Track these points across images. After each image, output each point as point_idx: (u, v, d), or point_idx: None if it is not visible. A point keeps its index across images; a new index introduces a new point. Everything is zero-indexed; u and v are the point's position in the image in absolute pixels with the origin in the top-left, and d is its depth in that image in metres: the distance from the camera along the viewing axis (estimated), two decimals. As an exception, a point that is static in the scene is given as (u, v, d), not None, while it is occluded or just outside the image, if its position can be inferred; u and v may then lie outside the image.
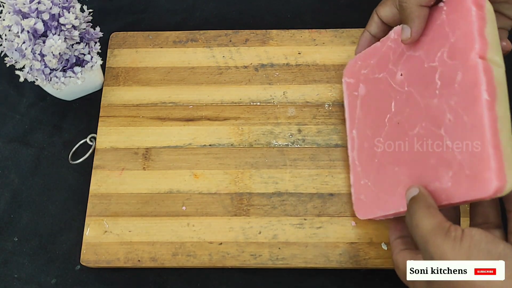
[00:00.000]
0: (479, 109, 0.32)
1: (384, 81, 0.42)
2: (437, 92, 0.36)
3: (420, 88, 0.38)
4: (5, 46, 0.46)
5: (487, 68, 0.33)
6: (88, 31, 0.51)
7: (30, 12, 0.45)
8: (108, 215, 0.48)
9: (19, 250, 0.49)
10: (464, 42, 0.35)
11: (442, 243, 0.31)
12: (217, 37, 0.56)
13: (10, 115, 0.55)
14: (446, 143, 0.35)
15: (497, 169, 0.31)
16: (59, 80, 0.49)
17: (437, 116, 0.36)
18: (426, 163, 0.37)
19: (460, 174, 0.34)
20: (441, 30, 0.37)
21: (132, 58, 0.55)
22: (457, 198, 0.34)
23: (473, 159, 0.32)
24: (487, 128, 0.32)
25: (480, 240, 0.31)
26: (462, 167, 0.33)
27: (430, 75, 0.37)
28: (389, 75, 0.42)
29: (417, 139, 0.38)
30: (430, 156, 0.36)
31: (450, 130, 0.35)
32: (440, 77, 0.36)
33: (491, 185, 0.31)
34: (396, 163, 0.40)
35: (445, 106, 0.35)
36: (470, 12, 0.34)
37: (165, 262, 0.46)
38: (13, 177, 0.52)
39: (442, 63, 0.36)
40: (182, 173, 0.50)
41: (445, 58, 0.36)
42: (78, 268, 0.48)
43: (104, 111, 0.53)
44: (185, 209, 0.48)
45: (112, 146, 0.51)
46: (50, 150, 0.53)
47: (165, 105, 0.53)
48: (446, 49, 0.36)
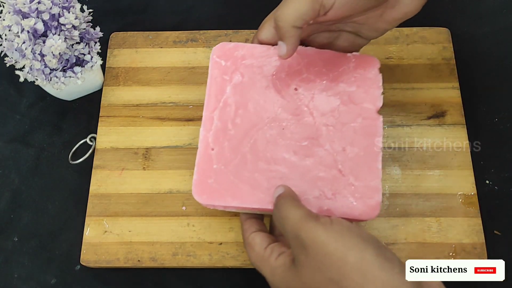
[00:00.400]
0: (376, 155, 0.42)
1: (273, 84, 0.45)
2: (335, 121, 0.44)
3: (317, 111, 0.44)
4: (5, 46, 0.46)
5: (382, 123, 0.43)
6: (88, 31, 0.51)
7: (30, 12, 0.45)
8: (108, 215, 0.48)
9: (19, 250, 0.49)
10: (368, 95, 0.44)
11: (314, 227, 0.32)
12: (217, 37, 0.56)
13: (10, 115, 0.55)
14: (339, 167, 0.42)
15: (379, 201, 0.40)
16: (59, 80, 0.49)
17: (333, 141, 0.43)
18: (312, 174, 0.42)
19: (348, 197, 0.41)
20: (347, 73, 0.45)
21: (132, 58, 0.55)
22: (338, 213, 0.40)
23: (365, 189, 0.41)
24: (380, 170, 0.41)
25: (349, 224, 0.33)
26: (354, 192, 0.41)
27: (331, 104, 0.44)
28: (280, 82, 0.45)
29: (306, 152, 0.43)
30: (318, 170, 0.42)
31: (344, 157, 0.42)
32: (341, 111, 0.44)
33: (376, 211, 0.40)
34: (274, 163, 0.43)
35: (340, 134, 0.43)
36: (377, 77, 0.45)
37: (165, 262, 0.46)
38: (13, 177, 0.52)
39: (344, 102, 0.44)
40: (182, 173, 0.50)
41: (347, 99, 0.44)
42: (78, 268, 0.48)
43: (104, 111, 0.53)
44: (185, 209, 0.48)
45: (112, 146, 0.51)
46: (50, 150, 0.53)
47: (165, 105, 0.53)
48: (350, 92, 0.44)
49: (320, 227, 0.32)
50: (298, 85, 0.45)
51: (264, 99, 0.45)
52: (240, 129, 0.44)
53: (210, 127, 0.45)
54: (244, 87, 0.46)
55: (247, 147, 0.44)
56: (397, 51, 0.55)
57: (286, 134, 0.44)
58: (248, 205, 0.42)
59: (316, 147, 0.43)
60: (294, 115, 0.45)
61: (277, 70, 0.46)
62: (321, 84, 0.45)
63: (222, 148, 0.44)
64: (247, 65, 0.47)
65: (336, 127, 0.44)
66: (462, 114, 0.51)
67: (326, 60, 0.46)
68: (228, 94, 0.46)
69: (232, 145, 0.44)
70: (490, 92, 0.55)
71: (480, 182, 0.50)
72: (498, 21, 0.58)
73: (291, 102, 0.45)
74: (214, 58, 0.47)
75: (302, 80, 0.46)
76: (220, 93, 0.46)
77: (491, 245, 0.47)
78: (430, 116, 0.51)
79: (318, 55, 0.47)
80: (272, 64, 0.46)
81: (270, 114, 0.45)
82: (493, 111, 0.54)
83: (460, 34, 0.57)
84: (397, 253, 0.45)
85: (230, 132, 0.44)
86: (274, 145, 0.44)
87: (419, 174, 0.49)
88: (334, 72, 0.45)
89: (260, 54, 0.47)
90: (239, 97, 0.45)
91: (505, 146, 0.52)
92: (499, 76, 0.55)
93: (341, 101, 0.45)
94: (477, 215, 0.47)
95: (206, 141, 0.44)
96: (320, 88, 0.45)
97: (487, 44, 0.57)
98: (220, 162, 0.43)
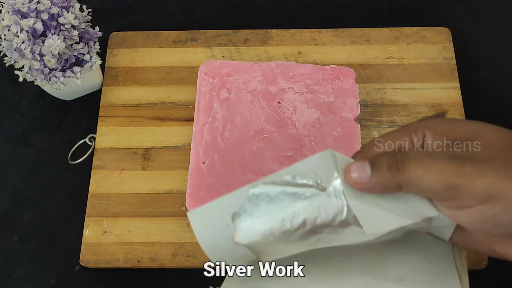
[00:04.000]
0: None
1: (258, 99, 0.49)
2: (316, 131, 0.47)
3: (299, 123, 0.47)
4: (4, 46, 0.46)
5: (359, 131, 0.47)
6: (87, 31, 0.50)
7: (29, 12, 0.45)
8: (108, 215, 0.48)
9: (18, 250, 0.49)
10: (346, 105, 0.48)
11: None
12: (217, 37, 0.56)
13: (9, 115, 0.55)
14: None
15: None
16: (58, 80, 0.48)
17: (315, 150, 0.45)
18: None
19: None
20: (326, 85, 0.49)
21: (131, 58, 0.55)
22: None
23: None
24: None
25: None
26: None
27: (311, 115, 0.47)
28: (264, 96, 0.49)
29: (291, 162, 0.45)
30: None
31: None
32: (321, 122, 0.47)
33: None
34: (261, 174, 0.45)
35: (321, 144, 0.46)
36: (354, 87, 0.49)
37: (164, 262, 0.46)
38: (13, 177, 0.52)
39: (324, 113, 0.47)
40: (182, 173, 0.49)
41: (327, 109, 0.47)
42: (78, 268, 0.48)
43: (103, 111, 0.53)
44: (185, 209, 0.48)
45: (111, 146, 0.51)
46: (49, 150, 0.53)
47: (164, 105, 0.53)
48: (329, 103, 0.48)
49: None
50: (281, 98, 0.49)
51: (250, 113, 0.48)
52: (228, 142, 0.47)
53: (201, 142, 0.48)
54: (231, 102, 0.49)
55: (236, 160, 0.46)
56: (397, 50, 0.54)
57: (271, 145, 0.47)
58: None
59: (300, 156, 0.46)
60: (278, 127, 0.48)
61: (261, 85, 0.50)
62: (302, 96, 0.49)
63: (213, 162, 0.47)
64: (233, 81, 0.50)
65: (317, 137, 0.47)
66: (462, 114, 0.51)
67: (306, 73, 0.50)
68: (216, 109, 0.49)
69: (222, 158, 0.47)
70: (491, 92, 0.55)
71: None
72: (499, 21, 0.58)
73: (275, 115, 0.48)
74: (201, 75, 0.51)
75: (284, 93, 0.49)
76: (209, 109, 0.49)
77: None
78: (431, 116, 0.51)
79: (298, 69, 0.50)
80: (256, 80, 0.50)
81: (256, 127, 0.48)
82: (493, 111, 0.53)
83: (461, 34, 0.57)
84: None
85: (219, 146, 0.47)
86: (261, 157, 0.46)
87: (420, 175, 0.49)
88: (313, 85, 0.48)
89: (244, 70, 0.51)
90: (226, 112, 0.49)
91: (506, 146, 0.52)
92: (500, 76, 0.55)
93: (321, 112, 0.48)
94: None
95: (197, 155, 0.47)
96: (301, 101, 0.49)
97: (488, 44, 0.57)
98: (212, 175, 0.46)
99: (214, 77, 0.50)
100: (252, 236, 0.31)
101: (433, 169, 0.27)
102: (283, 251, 0.32)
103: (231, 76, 0.50)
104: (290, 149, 0.46)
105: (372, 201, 0.29)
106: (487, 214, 0.27)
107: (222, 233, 0.31)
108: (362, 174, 0.29)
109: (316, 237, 0.30)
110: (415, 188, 0.28)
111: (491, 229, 0.28)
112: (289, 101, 0.48)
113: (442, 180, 0.27)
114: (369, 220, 0.29)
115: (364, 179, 0.29)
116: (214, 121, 0.48)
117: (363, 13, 0.59)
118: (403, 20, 0.58)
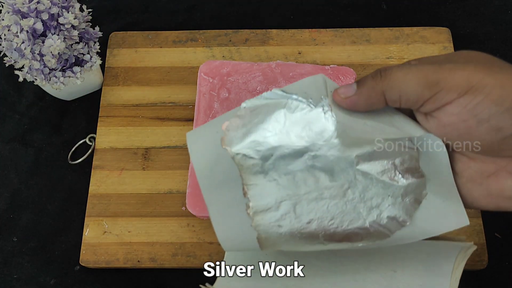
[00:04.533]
0: None
1: None
2: None
3: None
4: (4, 46, 0.46)
5: None
6: (87, 31, 0.50)
7: (29, 12, 0.45)
8: (108, 215, 0.48)
9: (18, 250, 0.49)
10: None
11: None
12: (217, 37, 0.56)
13: (9, 115, 0.55)
14: None
15: None
16: (58, 80, 0.48)
17: None
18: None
19: None
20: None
21: (131, 58, 0.55)
22: None
23: None
24: None
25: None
26: None
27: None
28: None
29: None
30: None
31: None
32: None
33: None
34: None
35: None
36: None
37: (164, 262, 0.46)
38: (13, 177, 0.52)
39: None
40: (182, 173, 0.49)
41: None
42: (78, 268, 0.48)
43: (103, 111, 0.53)
44: (185, 209, 0.48)
45: (111, 146, 0.51)
46: (49, 150, 0.53)
47: (164, 105, 0.53)
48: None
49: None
50: None
51: None
52: None
53: None
54: (231, 102, 0.49)
55: None
56: (397, 50, 0.54)
57: None
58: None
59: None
60: None
61: (261, 85, 0.50)
62: None
63: None
64: (233, 81, 0.50)
65: None
66: (462, 114, 0.51)
67: (306, 73, 0.49)
68: (216, 109, 0.49)
69: None
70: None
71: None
72: (499, 21, 0.58)
73: None
74: (201, 75, 0.51)
75: None
76: (209, 108, 0.49)
77: (492, 246, 0.47)
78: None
79: (298, 69, 0.50)
80: (256, 80, 0.50)
81: None
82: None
83: (461, 34, 0.57)
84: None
85: None
86: None
87: (420, 175, 0.49)
88: None
89: (244, 70, 0.51)
90: (226, 111, 0.47)
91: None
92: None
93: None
94: (478, 215, 0.47)
95: None
96: None
97: (488, 44, 0.57)
98: None
99: (214, 77, 0.51)
100: (238, 142, 0.30)
101: (414, 71, 0.28)
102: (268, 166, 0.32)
103: (231, 76, 0.51)
104: None
105: (359, 121, 0.30)
106: (469, 107, 0.27)
107: (212, 142, 0.31)
108: (349, 89, 0.30)
109: (304, 157, 0.31)
110: (398, 91, 0.29)
111: (475, 129, 0.28)
112: None
113: (423, 78, 0.28)
114: (355, 133, 0.30)
115: (350, 93, 0.30)
116: None
117: (363, 13, 0.59)
118: (403, 20, 0.58)
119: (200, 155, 0.32)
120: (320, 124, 0.30)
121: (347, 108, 0.30)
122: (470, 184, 0.31)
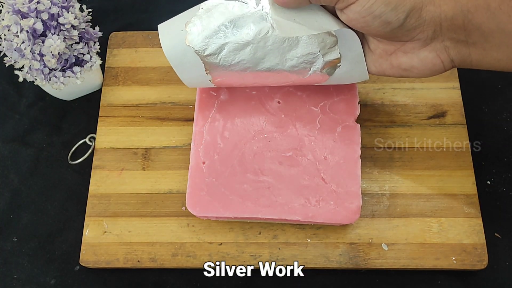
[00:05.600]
0: (355, 162, 0.46)
1: (258, 98, 0.48)
2: (316, 132, 0.47)
3: (299, 123, 0.47)
4: (4, 46, 0.46)
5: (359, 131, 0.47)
6: (87, 31, 0.50)
7: (29, 12, 0.45)
8: (108, 215, 0.48)
9: (18, 250, 0.49)
10: (346, 105, 0.48)
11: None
12: (217, 37, 0.56)
13: (9, 115, 0.55)
14: (321, 175, 0.45)
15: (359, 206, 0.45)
16: (58, 80, 0.48)
17: (315, 151, 0.46)
18: (297, 183, 0.45)
19: (331, 203, 0.44)
20: (325, 87, 0.48)
21: (131, 58, 0.55)
22: (321, 219, 0.44)
23: (346, 195, 0.44)
24: (359, 176, 0.45)
25: None
26: (335, 198, 0.44)
27: (311, 116, 0.47)
28: (264, 96, 0.49)
29: (291, 162, 0.46)
30: (302, 178, 0.45)
31: (326, 166, 0.45)
32: (321, 121, 0.47)
33: (357, 215, 0.44)
34: (261, 174, 0.46)
35: (321, 144, 0.46)
36: (354, 87, 0.48)
37: (164, 262, 0.46)
38: (12, 177, 0.52)
39: (324, 112, 0.47)
40: (182, 173, 0.49)
41: (327, 109, 0.47)
42: (77, 268, 0.48)
43: (103, 111, 0.53)
44: (185, 209, 0.48)
45: (111, 146, 0.51)
46: (49, 150, 0.53)
47: (164, 105, 0.53)
48: (329, 103, 0.48)
49: None
50: (281, 98, 0.48)
51: (250, 113, 0.48)
52: (228, 142, 0.47)
53: (201, 142, 0.47)
54: (231, 102, 0.49)
55: (236, 160, 0.46)
56: (397, 51, 0.54)
57: (271, 146, 0.47)
58: (239, 215, 0.45)
59: (300, 157, 0.46)
60: (278, 127, 0.47)
61: None
62: (302, 96, 0.48)
63: (213, 162, 0.46)
64: None
65: (317, 137, 0.47)
66: (462, 114, 0.51)
67: None
68: (216, 109, 0.49)
69: (222, 158, 0.47)
70: (491, 92, 0.55)
71: (481, 183, 0.49)
72: (499, 21, 0.58)
73: (275, 115, 0.48)
74: None
75: (284, 93, 0.49)
76: (209, 109, 0.49)
77: (492, 246, 0.47)
78: (431, 116, 0.51)
79: None
80: None
81: (256, 127, 0.47)
82: (493, 111, 0.54)
83: None
84: (398, 254, 0.46)
85: (219, 146, 0.47)
86: (261, 157, 0.46)
87: (420, 175, 0.49)
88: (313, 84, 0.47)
89: None
90: (226, 112, 0.48)
91: (506, 147, 0.52)
92: (500, 76, 0.55)
93: (321, 112, 0.48)
94: (478, 215, 0.47)
95: (197, 155, 0.47)
96: (301, 100, 0.48)
97: (488, 44, 0.57)
98: (211, 175, 0.46)
99: None
100: (198, 40, 0.40)
101: None
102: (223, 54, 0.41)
103: None
104: (290, 149, 0.46)
105: (290, 17, 0.39)
106: (366, 6, 0.36)
107: (178, 36, 0.41)
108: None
109: (248, 48, 0.40)
110: None
111: (371, 22, 0.37)
112: (289, 101, 0.48)
113: None
114: (285, 29, 0.39)
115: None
116: (214, 121, 0.48)
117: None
118: (403, 20, 0.58)
119: (170, 48, 0.42)
120: (260, 21, 0.39)
121: (281, 5, 0.39)
122: (380, 59, 0.41)
